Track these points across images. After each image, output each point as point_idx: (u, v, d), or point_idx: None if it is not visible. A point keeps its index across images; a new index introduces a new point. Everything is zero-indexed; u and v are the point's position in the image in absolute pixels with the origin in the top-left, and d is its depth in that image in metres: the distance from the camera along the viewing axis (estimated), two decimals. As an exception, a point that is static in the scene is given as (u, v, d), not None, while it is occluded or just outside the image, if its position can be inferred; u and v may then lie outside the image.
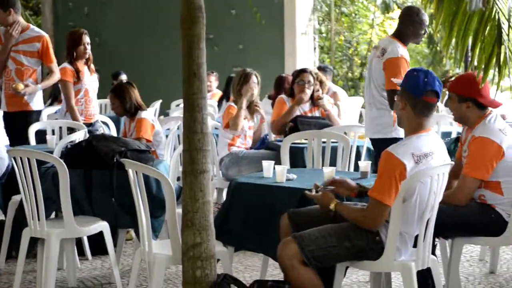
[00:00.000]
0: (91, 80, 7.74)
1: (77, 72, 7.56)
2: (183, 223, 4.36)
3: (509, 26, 4.47)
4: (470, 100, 4.89)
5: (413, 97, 4.31)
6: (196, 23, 4.28)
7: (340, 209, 4.39)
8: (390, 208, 4.20)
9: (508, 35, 4.52)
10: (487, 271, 5.99)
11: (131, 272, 4.92)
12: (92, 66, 7.81)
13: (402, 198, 4.17)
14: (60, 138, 7.15)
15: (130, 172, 4.57)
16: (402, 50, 6.27)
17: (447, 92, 6.29)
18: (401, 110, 4.35)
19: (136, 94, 6.93)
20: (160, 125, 7.27)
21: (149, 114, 6.96)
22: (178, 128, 7.60)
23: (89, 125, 7.56)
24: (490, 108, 4.97)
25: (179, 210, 4.51)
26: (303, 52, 13.38)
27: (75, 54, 7.59)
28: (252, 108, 7.46)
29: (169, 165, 5.90)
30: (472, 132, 4.91)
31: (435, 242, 4.95)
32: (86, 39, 7.63)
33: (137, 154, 5.55)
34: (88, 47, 7.65)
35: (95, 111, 7.79)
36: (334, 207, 4.40)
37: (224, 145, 7.28)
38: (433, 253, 4.66)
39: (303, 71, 7.77)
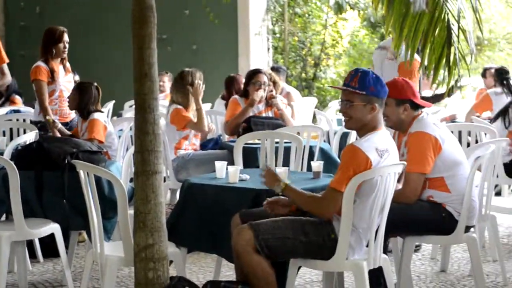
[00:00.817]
0: (66, 80, 7.49)
1: (52, 72, 7.34)
2: (135, 225, 4.34)
3: (458, 27, 4.53)
4: (407, 102, 4.99)
5: (381, 99, 4.45)
6: (147, 23, 4.27)
7: (289, 192, 4.44)
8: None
9: (457, 36, 4.58)
10: (438, 270, 6.06)
11: (83, 274, 4.88)
12: (68, 65, 7.57)
13: (354, 193, 4.23)
14: (11, 139, 7.06)
15: (81, 174, 4.54)
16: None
17: None
18: (370, 114, 4.41)
19: (96, 97, 6.89)
20: (113, 126, 7.22)
21: (102, 115, 6.91)
22: (130, 129, 7.55)
23: (65, 124, 7.40)
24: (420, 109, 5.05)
25: (131, 211, 4.49)
26: (257, 53, 13.39)
27: (54, 51, 7.37)
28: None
29: (121, 166, 5.86)
30: (406, 133, 4.99)
31: (387, 241, 5.00)
32: (66, 37, 7.44)
33: (89, 155, 5.52)
34: (67, 45, 7.45)
35: (70, 110, 7.45)
36: (282, 187, 4.45)
37: (170, 149, 7.22)
38: (385, 252, 4.70)
39: (258, 71, 7.77)
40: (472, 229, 5.09)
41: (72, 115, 7.54)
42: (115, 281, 4.69)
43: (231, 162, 6.00)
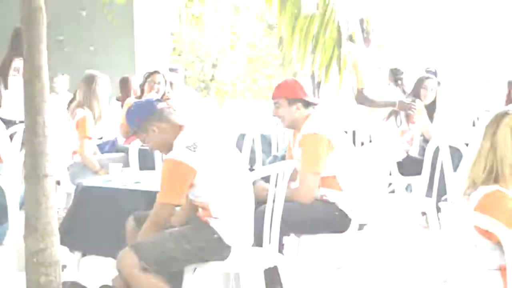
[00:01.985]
0: None
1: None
2: (26, 229, 4.25)
3: (347, 29, 4.60)
4: (299, 101, 5.05)
5: (154, 115, 4.42)
6: (36, 24, 4.19)
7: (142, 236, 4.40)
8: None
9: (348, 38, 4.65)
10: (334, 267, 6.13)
11: (-27, 281, 4.76)
12: None
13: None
14: None
15: (-31, 178, 4.43)
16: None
17: None
18: (159, 135, 4.41)
19: None
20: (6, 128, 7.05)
21: (-6, 118, 6.76)
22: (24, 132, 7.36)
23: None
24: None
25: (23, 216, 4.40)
26: (155, 54, 13.33)
27: None
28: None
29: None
30: (300, 132, 5.05)
31: (283, 241, 5.05)
32: None
33: (-22, 159, 5.39)
34: None
35: None
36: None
37: (68, 152, 7.07)
38: (281, 251, 4.74)
39: (155, 72, 7.74)
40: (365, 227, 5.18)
41: None
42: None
43: (127, 164, 5.95)
